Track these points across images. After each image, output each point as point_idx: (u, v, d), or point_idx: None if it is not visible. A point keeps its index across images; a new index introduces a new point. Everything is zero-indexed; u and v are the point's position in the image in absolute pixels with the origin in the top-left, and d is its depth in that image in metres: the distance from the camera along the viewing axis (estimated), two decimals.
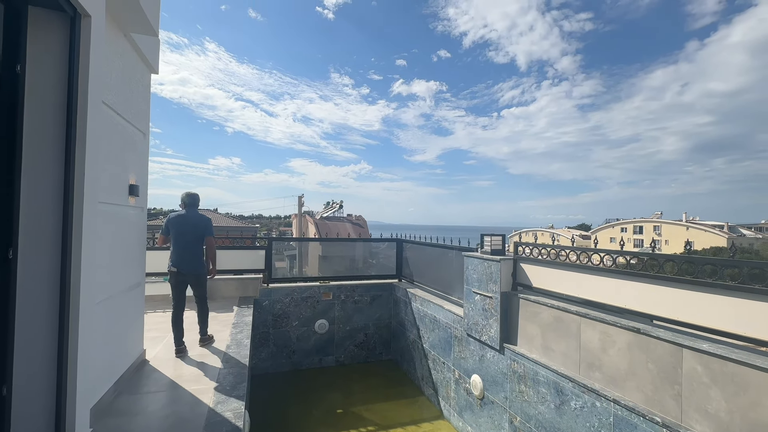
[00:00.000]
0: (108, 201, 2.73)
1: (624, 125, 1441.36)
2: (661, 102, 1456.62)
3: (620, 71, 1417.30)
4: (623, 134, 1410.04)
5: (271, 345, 6.93)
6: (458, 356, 5.25)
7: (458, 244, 5.92)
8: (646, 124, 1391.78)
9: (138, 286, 3.57)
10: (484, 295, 4.62)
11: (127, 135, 3.15)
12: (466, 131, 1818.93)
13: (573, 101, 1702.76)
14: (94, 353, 2.49)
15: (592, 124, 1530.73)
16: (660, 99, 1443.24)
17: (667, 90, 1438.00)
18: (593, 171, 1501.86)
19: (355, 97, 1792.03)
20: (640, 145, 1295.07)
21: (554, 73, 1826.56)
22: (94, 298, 2.46)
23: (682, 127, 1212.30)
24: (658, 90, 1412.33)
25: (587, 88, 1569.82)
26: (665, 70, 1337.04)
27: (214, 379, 3.36)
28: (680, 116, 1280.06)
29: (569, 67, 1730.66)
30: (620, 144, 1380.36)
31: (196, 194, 4.43)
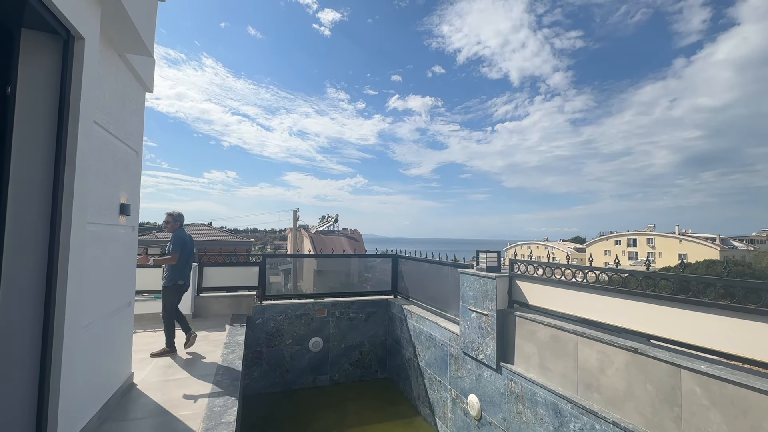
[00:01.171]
0: (97, 221, 2.68)
1: (616, 139, 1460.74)
2: (651, 116, 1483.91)
3: (611, 87, 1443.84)
4: (615, 148, 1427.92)
5: (264, 364, 6.78)
6: (455, 375, 5.16)
7: (454, 260, 5.89)
8: (637, 138, 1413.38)
9: (127, 307, 3.48)
10: (480, 313, 4.57)
11: (119, 154, 3.12)
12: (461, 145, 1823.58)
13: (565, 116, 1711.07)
14: (78, 379, 2.41)
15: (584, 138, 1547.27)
16: (650, 114, 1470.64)
17: (656, 105, 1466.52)
18: (586, 184, 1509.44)
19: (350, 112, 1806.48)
20: (632, 159, 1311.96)
21: (546, 89, 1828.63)
22: (80, 321, 2.39)
23: (672, 141, 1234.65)
24: (648, 105, 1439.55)
25: (579, 103, 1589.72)
26: (654, 85, 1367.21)
27: (204, 404, 3.25)
28: (670, 130, 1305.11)
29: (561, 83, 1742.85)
30: (613, 157, 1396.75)
31: None
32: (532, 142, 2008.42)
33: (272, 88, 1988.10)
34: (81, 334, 2.42)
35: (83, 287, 2.39)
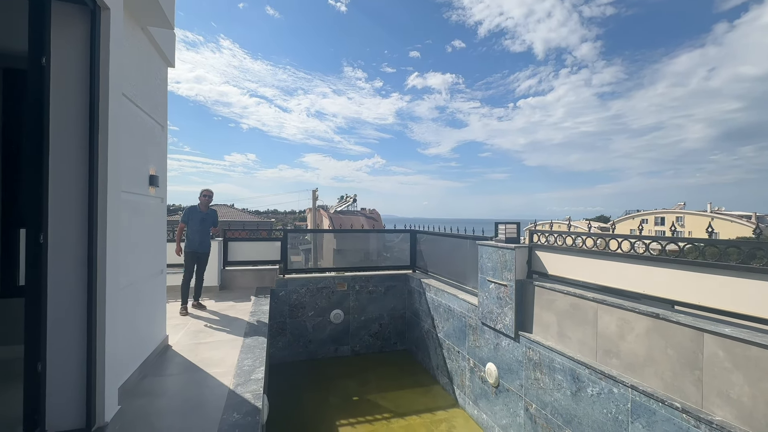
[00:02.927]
0: (130, 190, 2.83)
1: (646, 113, 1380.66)
2: (686, 88, 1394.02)
3: (643, 57, 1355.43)
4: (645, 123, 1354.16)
5: (287, 334, 7.08)
6: (473, 345, 5.25)
7: (472, 234, 5.89)
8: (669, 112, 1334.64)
9: (160, 274, 3.69)
10: (499, 284, 4.59)
11: (146, 127, 3.24)
12: (481, 123, 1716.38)
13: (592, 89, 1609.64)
14: (120, 336, 2.60)
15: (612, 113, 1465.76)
16: (685, 85, 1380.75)
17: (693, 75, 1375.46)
18: (613, 161, 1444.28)
19: (368, 91, 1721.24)
20: (663, 134, 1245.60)
21: (573, 61, 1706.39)
22: (119, 283, 2.56)
23: (708, 113, 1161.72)
24: (683, 75, 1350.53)
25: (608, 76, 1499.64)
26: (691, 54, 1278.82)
27: (233, 363, 3.46)
28: (706, 102, 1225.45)
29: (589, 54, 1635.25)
30: (642, 133, 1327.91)
31: None
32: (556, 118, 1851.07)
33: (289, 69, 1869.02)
34: (119, 295, 2.60)
35: (119, 251, 2.55)
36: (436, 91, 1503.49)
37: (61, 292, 2.20)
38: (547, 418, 3.82)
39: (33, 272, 2.12)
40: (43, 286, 2.13)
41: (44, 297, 2.14)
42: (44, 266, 2.14)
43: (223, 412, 2.60)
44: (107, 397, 2.33)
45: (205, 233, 5.52)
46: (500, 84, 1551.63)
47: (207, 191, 5.66)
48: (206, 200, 5.61)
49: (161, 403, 2.75)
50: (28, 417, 2.11)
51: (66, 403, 2.22)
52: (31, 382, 2.11)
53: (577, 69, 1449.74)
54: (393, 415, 5.31)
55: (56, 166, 2.20)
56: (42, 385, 2.13)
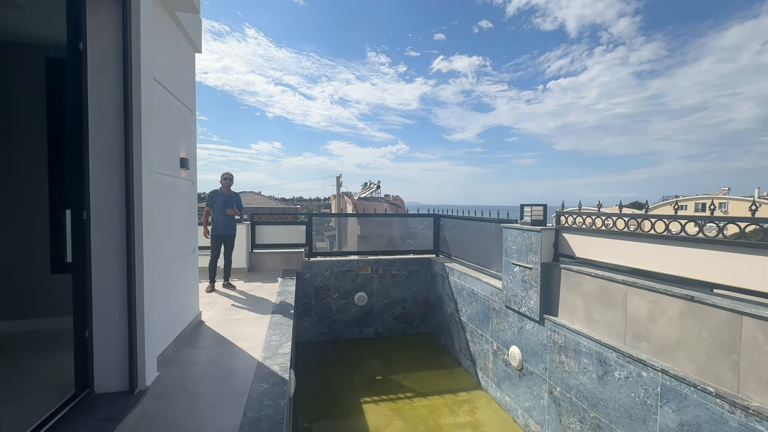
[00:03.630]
0: (162, 172, 2.96)
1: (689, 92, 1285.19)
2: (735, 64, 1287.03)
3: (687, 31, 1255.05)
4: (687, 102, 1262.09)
5: (313, 315, 7.29)
6: (496, 328, 5.23)
7: (497, 217, 5.80)
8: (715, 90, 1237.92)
9: (192, 254, 3.87)
10: (524, 267, 4.52)
11: (176, 111, 3.36)
12: (509, 106, 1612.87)
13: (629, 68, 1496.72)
14: (156, 309, 2.77)
15: (650, 93, 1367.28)
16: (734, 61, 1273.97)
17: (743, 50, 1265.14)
18: (650, 144, 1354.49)
19: (392, 76, 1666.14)
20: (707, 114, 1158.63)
21: (609, 38, 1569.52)
22: (154, 260, 2.71)
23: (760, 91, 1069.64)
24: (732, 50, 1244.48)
25: (647, 53, 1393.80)
26: (743, 26, 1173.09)
27: (262, 338, 3.62)
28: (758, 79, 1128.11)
29: (627, 30, 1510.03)
30: (683, 114, 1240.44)
31: None
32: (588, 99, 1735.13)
33: (313, 56, 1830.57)
34: (155, 271, 2.75)
35: (154, 230, 2.69)
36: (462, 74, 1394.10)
37: (103, 267, 2.35)
38: (572, 402, 3.78)
39: (78, 247, 2.28)
40: (87, 260, 2.30)
41: (89, 270, 2.31)
42: (88, 242, 2.30)
43: (253, 382, 2.74)
44: (147, 364, 2.50)
45: (229, 216, 5.70)
46: (529, 65, 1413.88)
47: (227, 174, 5.81)
48: (227, 183, 5.76)
49: (195, 372, 2.93)
50: (78, 379, 2.31)
51: (111, 368, 2.40)
52: (80, 347, 2.29)
53: (613, 47, 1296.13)
54: (416, 395, 5.41)
55: (95, 147, 2.34)
56: (90, 350, 2.32)
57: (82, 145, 2.28)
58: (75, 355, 2.29)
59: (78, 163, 2.28)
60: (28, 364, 2.83)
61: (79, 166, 2.27)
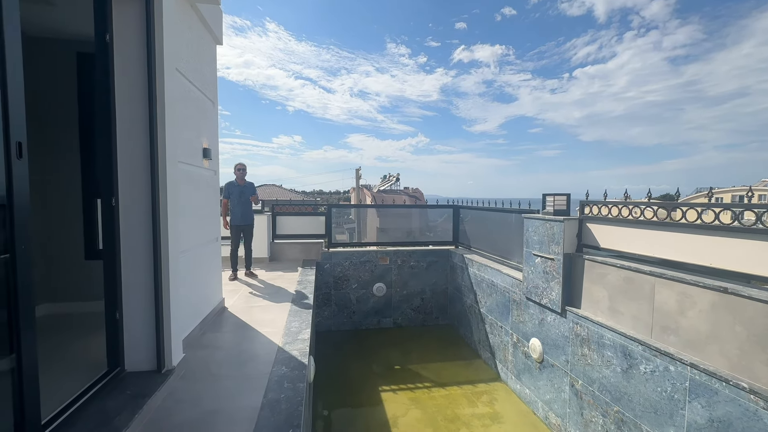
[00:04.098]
0: (186, 161, 3.05)
1: (727, 78, 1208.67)
2: None
3: (727, 12, 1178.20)
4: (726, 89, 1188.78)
5: (332, 305, 7.39)
6: (516, 320, 5.16)
7: (518, 207, 5.68)
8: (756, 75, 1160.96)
9: (215, 242, 3.98)
10: (546, 258, 4.42)
11: (198, 102, 3.44)
12: (532, 96, 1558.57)
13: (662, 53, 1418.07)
14: (181, 294, 2.87)
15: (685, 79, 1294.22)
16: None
17: None
18: (684, 134, 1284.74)
19: (411, 67, 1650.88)
20: (748, 101, 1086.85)
21: (641, 22, 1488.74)
22: (179, 246, 2.81)
23: None
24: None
25: (682, 37, 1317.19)
26: None
27: (282, 324, 3.70)
28: None
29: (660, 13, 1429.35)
30: (721, 101, 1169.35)
31: None
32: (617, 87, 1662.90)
33: (333, 49, 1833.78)
34: (180, 257, 2.85)
35: (179, 218, 2.78)
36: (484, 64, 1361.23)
37: (132, 253, 2.46)
38: (594, 395, 3.70)
39: (108, 232, 2.39)
40: (117, 244, 2.40)
41: (118, 256, 2.41)
42: (117, 228, 2.40)
43: (273, 365, 2.81)
44: (173, 346, 2.60)
45: (246, 206, 5.82)
46: (554, 53, 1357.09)
47: (240, 164, 5.90)
48: (241, 173, 5.85)
49: (219, 355, 3.04)
50: (110, 358, 2.43)
51: (140, 348, 2.51)
52: (111, 327, 2.41)
53: (645, 31, 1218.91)
54: (434, 385, 5.42)
55: (122, 136, 2.42)
56: (120, 331, 2.43)
57: (110, 134, 2.36)
58: (107, 335, 2.41)
59: (106, 152, 2.37)
60: (65, 344, 3.00)
61: (108, 155, 2.37)
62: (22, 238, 1.57)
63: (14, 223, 1.54)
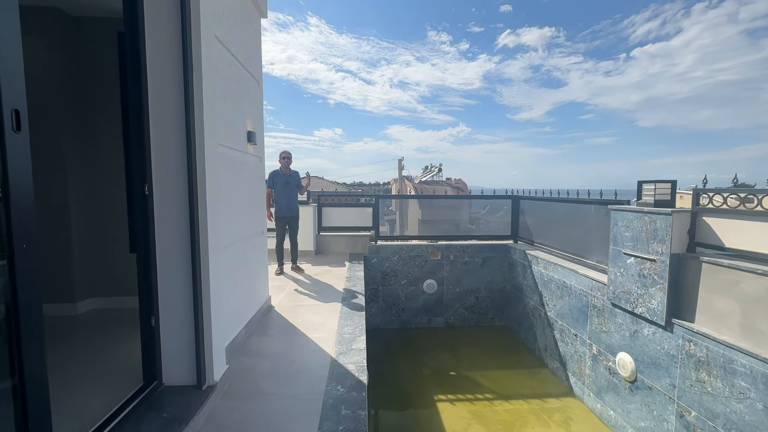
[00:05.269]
0: (227, 144, 2.68)
1: None
2: None
3: None
4: None
5: (380, 301, 6.98)
6: (597, 329, 4.41)
7: (599, 197, 4.87)
8: None
9: (261, 235, 3.65)
10: (643, 258, 3.65)
11: (241, 78, 3.07)
12: (583, 80, 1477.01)
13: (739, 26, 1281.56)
14: (225, 295, 2.52)
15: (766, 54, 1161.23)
16: None
17: None
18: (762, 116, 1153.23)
19: (453, 55, 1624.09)
20: None
21: None
22: (221, 241, 2.45)
23: None
24: None
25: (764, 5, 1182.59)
26: None
27: (334, 329, 3.30)
28: None
29: None
30: None
31: None
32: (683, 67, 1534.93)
33: (373, 40, 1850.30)
34: (222, 253, 2.50)
35: (220, 208, 2.42)
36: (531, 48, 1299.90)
37: (167, 247, 2.12)
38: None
39: (141, 225, 2.05)
40: (151, 239, 2.07)
41: (153, 251, 2.08)
42: (151, 220, 2.07)
43: (327, 383, 2.39)
44: (215, 358, 2.26)
45: (291, 197, 5.50)
46: (609, 32, 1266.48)
47: (286, 153, 5.57)
48: (286, 162, 5.51)
49: (266, 366, 2.67)
50: (146, 370, 2.12)
51: (178, 359, 2.19)
52: (147, 336, 2.10)
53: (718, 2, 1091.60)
54: (496, 396, 4.83)
55: (155, 112, 2.07)
56: (156, 339, 2.12)
57: (142, 111, 2.01)
58: (142, 344, 2.11)
59: (138, 130, 2.03)
60: (107, 346, 2.79)
61: (140, 133, 2.02)
62: (22, 235, 1.22)
63: (11, 216, 1.19)
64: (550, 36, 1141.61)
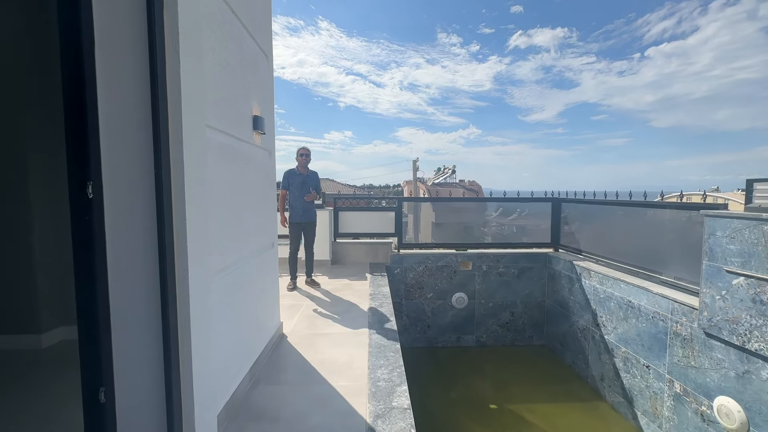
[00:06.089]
0: (222, 129, 1.95)
1: None
2: None
3: None
4: None
5: (403, 317, 6.20)
6: (682, 363, 3.56)
7: (679, 200, 4.03)
8: None
9: (271, 248, 2.93)
10: (760, 279, 2.81)
11: (246, 48, 2.35)
12: (596, 80, 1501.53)
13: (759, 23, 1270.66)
14: (218, 339, 1.79)
15: None
16: None
17: None
18: None
19: (463, 57, 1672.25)
20: None
21: None
22: (211, 264, 1.72)
23: None
24: None
25: None
26: None
27: (364, 372, 2.55)
28: None
29: None
30: None
31: None
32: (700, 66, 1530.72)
33: (383, 43, 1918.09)
34: (214, 281, 1.77)
35: (210, 217, 1.69)
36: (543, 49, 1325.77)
37: (122, 278, 1.39)
38: None
39: (83, 244, 1.33)
40: (98, 266, 1.34)
41: (103, 285, 1.36)
42: (99, 236, 1.34)
43: None
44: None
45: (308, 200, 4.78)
46: (623, 31, 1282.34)
47: (304, 149, 4.82)
48: (304, 160, 4.78)
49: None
50: None
51: None
52: (92, 417, 1.36)
53: None
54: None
55: (104, 80, 1.35)
56: (109, 422, 1.38)
57: (83, 69, 1.29)
58: (86, 428, 1.37)
59: (77, 103, 1.31)
60: (71, 392, 2.09)
61: (79, 108, 1.30)
62: None
63: None
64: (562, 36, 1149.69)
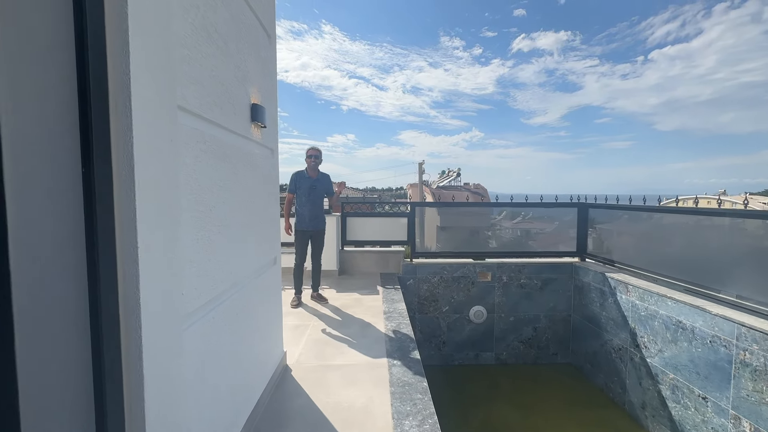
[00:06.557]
0: (206, 115, 1.46)
1: None
2: None
3: None
4: None
5: (417, 332, 5.69)
6: (753, 398, 3.04)
7: (744, 207, 3.53)
8: None
9: (272, 265, 2.44)
10: None
11: (244, 23, 1.87)
12: (600, 83, 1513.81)
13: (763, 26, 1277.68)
14: (200, 401, 1.30)
15: None
16: None
17: None
18: None
19: (466, 60, 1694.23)
20: None
21: None
22: (184, 305, 1.24)
23: None
24: None
25: None
26: None
27: (387, 422, 2.04)
28: None
29: None
30: None
31: None
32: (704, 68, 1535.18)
33: (386, 46, 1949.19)
34: (188, 327, 1.28)
35: (183, 236, 1.21)
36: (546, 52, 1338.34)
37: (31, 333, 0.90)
38: None
39: None
40: None
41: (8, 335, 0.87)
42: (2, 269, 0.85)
43: None
44: None
45: (317, 206, 4.30)
46: (627, 34, 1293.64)
47: (313, 150, 4.32)
48: (313, 162, 4.28)
49: None
50: None
51: None
52: None
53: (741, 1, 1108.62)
54: None
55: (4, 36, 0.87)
56: None
57: None
58: None
59: None
60: None
61: None
62: None
63: None
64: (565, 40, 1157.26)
